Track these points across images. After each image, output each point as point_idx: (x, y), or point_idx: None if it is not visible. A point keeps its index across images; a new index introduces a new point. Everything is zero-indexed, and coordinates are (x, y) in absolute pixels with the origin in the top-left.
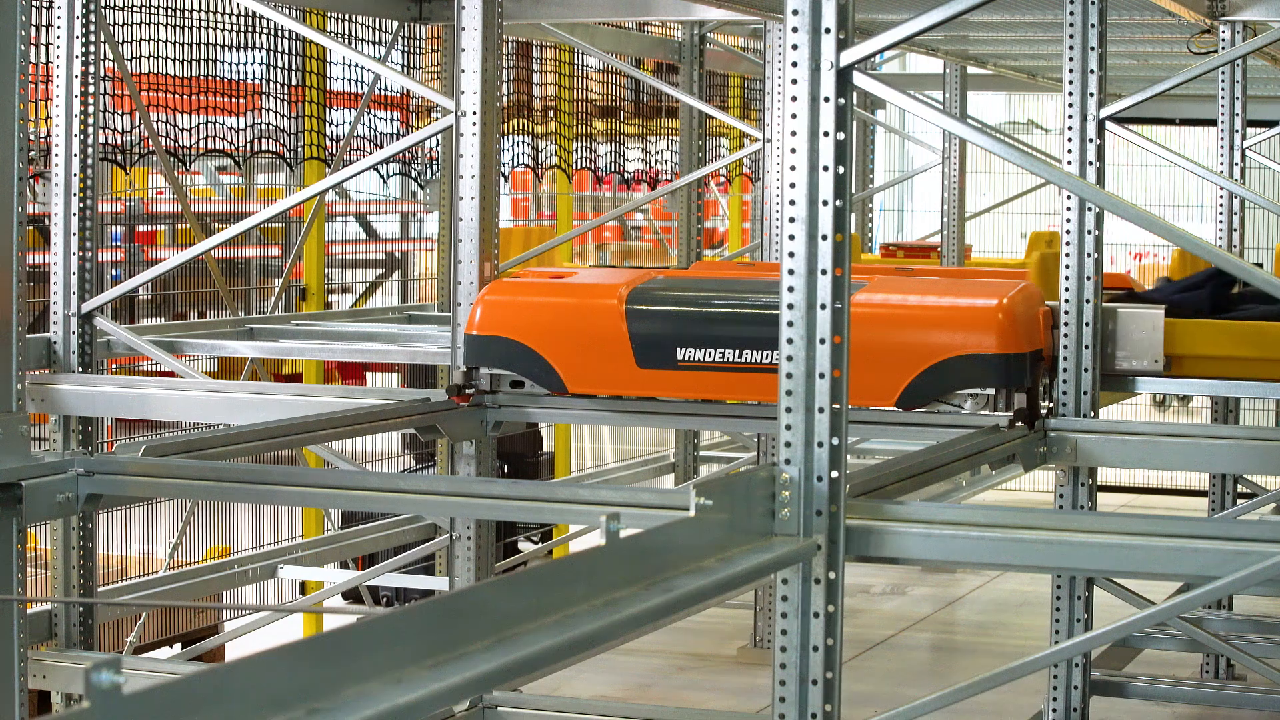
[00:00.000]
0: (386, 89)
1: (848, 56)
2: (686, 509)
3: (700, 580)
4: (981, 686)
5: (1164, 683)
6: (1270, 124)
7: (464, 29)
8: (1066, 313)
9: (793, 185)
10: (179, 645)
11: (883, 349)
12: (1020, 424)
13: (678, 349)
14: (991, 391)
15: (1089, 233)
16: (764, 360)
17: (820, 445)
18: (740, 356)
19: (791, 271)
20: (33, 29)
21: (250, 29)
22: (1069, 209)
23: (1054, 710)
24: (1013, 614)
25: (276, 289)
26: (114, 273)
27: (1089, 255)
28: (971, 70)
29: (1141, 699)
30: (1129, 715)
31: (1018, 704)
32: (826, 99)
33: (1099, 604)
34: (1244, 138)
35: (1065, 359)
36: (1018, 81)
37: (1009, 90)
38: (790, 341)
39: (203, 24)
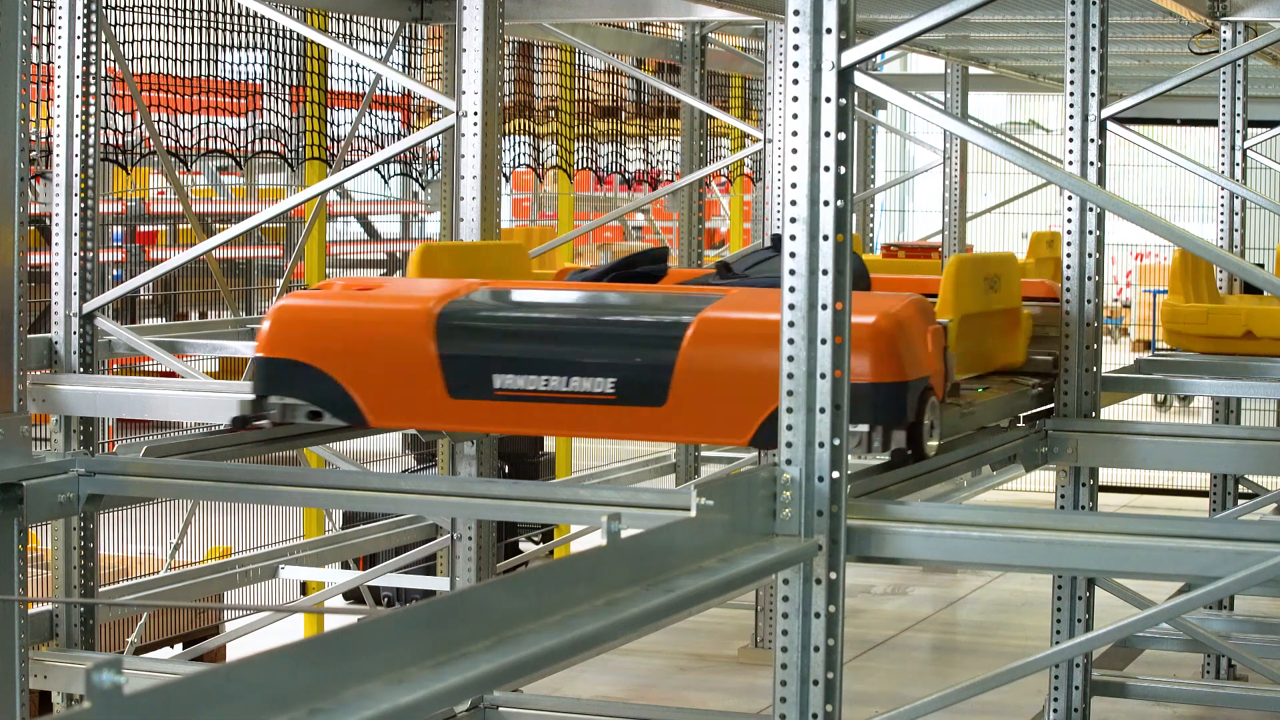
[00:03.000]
0: (388, 89)
1: (849, 57)
2: (687, 509)
3: (701, 580)
4: (982, 686)
5: (1165, 683)
6: (1271, 124)
7: (465, 29)
8: (1068, 313)
9: (794, 185)
10: (180, 645)
11: (734, 377)
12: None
13: (495, 376)
14: (865, 428)
15: (1090, 233)
16: (595, 390)
17: (821, 445)
18: (568, 385)
19: (793, 272)
20: (34, 29)
21: (251, 29)
22: (1070, 209)
23: (1055, 710)
24: (1014, 614)
25: (278, 289)
26: (115, 273)
27: (1090, 255)
28: (973, 70)
29: (1142, 699)
30: (1130, 715)
31: (1019, 704)
32: (828, 99)
33: (1100, 604)
34: (1245, 138)
35: (1066, 359)
36: (1019, 82)
37: (1010, 90)
38: (791, 342)
39: (204, 24)
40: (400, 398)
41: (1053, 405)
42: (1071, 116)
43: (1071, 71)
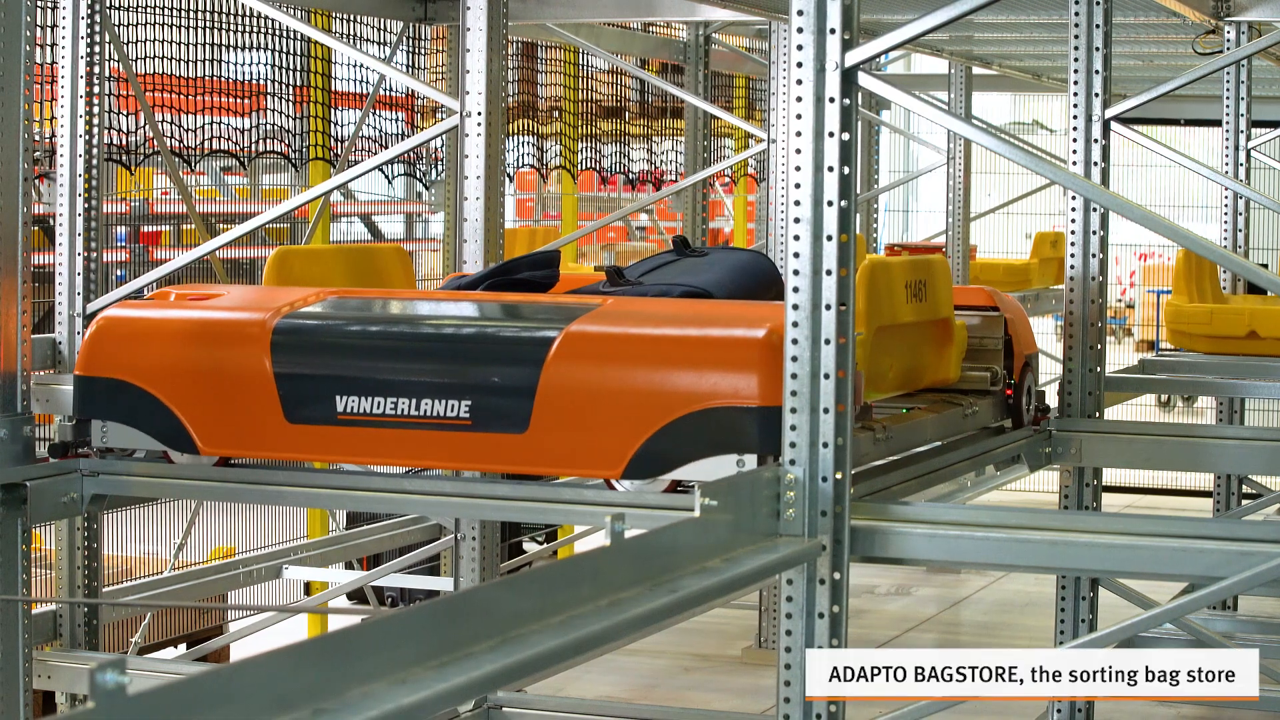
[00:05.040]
0: (392, 89)
1: (852, 57)
2: (691, 510)
3: (705, 581)
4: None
5: None
6: (1275, 124)
7: (469, 29)
8: (1071, 313)
9: (797, 186)
10: (184, 646)
11: (605, 400)
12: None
13: (338, 398)
14: (752, 459)
15: (1094, 233)
16: (449, 415)
17: (825, 446)
18: (419, 409)
19: (797, 272)
20: (37, 29)
21: (255, 29)
22: (1074, 209)
23: (1059, 710)
24: (1017, 614)
25: None
26: (119, 273)
27: (1094, 256)
28: (976, 71)
29: (1146, 699)
30: (1134, 715)
31: (1023, 704)
32: (831, 99)
33: (1103, 604)
34: (1249, 138)
35: (1070, 359)
36: (1023, 82)
37: (1014, 91)
38: (795, 342)
39: (208, 24)
40: (233, 422)
41: (998, 425)
42: (1075, 117)
43: (1075, 72)
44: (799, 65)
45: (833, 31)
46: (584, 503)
